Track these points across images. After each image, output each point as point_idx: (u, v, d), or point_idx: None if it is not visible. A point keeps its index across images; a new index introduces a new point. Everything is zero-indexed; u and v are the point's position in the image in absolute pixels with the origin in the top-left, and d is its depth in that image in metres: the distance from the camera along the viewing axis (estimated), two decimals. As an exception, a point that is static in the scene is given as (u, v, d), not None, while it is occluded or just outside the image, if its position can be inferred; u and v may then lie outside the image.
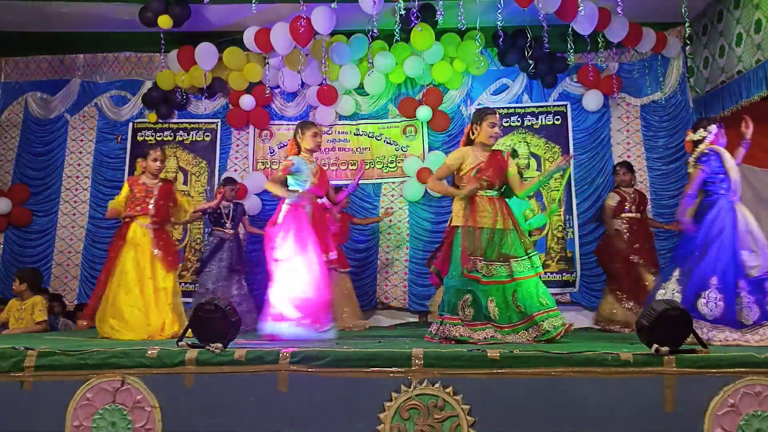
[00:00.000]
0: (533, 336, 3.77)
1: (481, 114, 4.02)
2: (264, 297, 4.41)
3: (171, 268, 4.62)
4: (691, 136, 4.14)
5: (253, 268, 6.22)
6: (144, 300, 4.44)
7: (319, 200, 4.67)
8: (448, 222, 4.14)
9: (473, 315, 3.78)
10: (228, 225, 6.01)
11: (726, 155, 3.96)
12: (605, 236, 5.89)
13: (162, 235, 4.64)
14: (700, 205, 4.01)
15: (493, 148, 4.08)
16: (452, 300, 3.80)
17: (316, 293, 4.18)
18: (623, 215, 5.70)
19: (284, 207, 4.36)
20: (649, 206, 6.22)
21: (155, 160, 4.67)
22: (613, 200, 5.76)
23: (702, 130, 4.07)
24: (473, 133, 4.02)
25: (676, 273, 3.88)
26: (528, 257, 3.89)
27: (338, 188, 6.00)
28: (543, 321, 3.77)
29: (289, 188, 4.43)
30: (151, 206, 4.57)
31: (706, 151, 3.96)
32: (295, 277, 4.17)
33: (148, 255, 4.52)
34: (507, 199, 4.10)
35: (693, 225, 3.94)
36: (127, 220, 4.61)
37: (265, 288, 4.44)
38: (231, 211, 6.06)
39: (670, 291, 3.80)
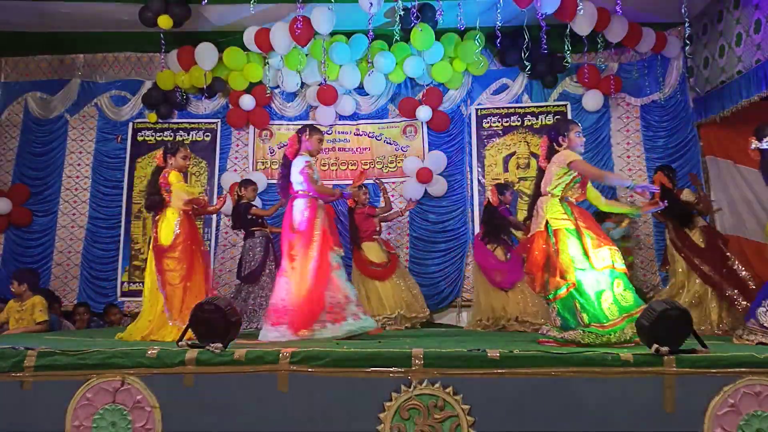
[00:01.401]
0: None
1: (564, 125, 3.88)
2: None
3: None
4: (757, 145, 4.00)
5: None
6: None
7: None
8: (543, 224, 3.72)
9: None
10: (265, 223, 6.03)
11: None
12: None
13: None
14: None
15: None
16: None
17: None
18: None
19: (309, 210, 4.28)
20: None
21: (185, 157, 4.60)
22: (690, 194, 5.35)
23: None
24: (562, 143, 3.79)
25: None
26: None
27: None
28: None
29: (297, 188, 4.37)
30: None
31: None
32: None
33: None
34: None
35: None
36: (189, 213, 4.48)
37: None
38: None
39: None
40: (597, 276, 3.49)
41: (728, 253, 5.05)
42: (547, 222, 3.65)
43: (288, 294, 4.12)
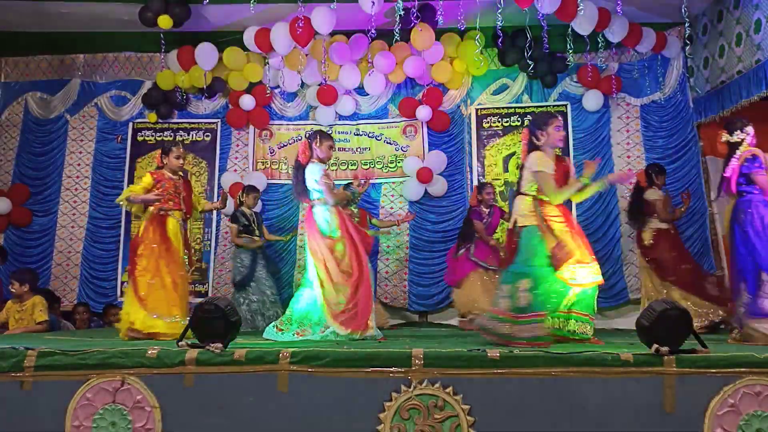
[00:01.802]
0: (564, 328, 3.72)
1: (543, 119, 3.89)
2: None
3: (192, 264, 4.77)
4: (727, 138, 4.11)
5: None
6: (180, 295, 4.50)
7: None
8: (512, 222, 3.89)
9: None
10: (257, 233, 6.00)
11: (763, 156, 3.98)
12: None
13: (186, 232, 4.76)
14: (735, 206, 4.03)
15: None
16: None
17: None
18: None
19: (333, 215, 4.28)
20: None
21: (178, 157, 4.70)
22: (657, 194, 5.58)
23: (739, 131, 4.07)
24: (540, 138, 3.83)
25: (765, 276, 3.84)
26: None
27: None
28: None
29: (315, 196, 4.36)
30: (182, 202, 4.66)
31: (756, 154, 3.96)
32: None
33: (182, 250, 4.60)
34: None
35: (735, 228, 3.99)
36: (162, 213, 4.59)
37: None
38: (254, 218, 6.05)
39: None
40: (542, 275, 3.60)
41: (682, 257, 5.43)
42: (516, 220, 3.77)
43: (346, 295, 4.12)
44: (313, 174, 4.28)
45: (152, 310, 4.32)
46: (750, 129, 4.06)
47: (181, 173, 4.81)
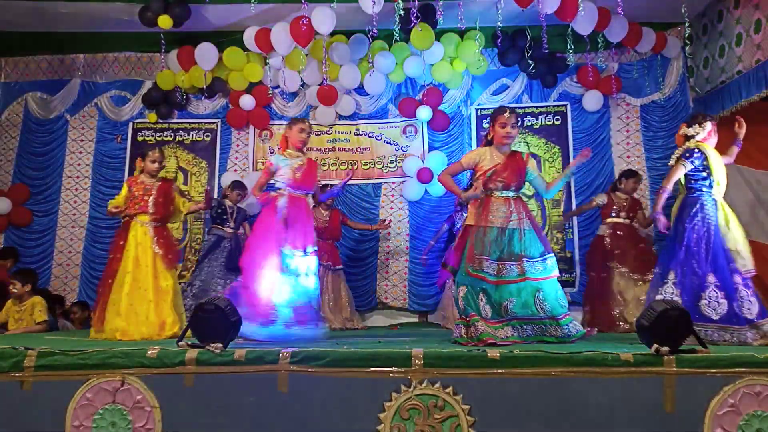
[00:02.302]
0: (553, 334, 3.71)
1: (493, 114, 4.00)
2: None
3: (171, 266, 4.62)
4: (685, 130, 4.15)
5: None
6: (146, 299, 4.44)
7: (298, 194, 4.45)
8: (463, 221, 4.13)
9: (491, 314, 3.72)
10: (230, 224, 6.07)
11: (712, 154, 3.96)
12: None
13: (163, 233, 4.65)
14: (682, 202, 4.02)
15: (513, 149, 4.09)
16: (471, 298, 3.74)
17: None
18: (608, 220, 5.78)
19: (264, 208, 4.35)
20: (647, 212, 6.17)
21: (153, 161, 4.70)
22: (601, 199, 5.85)
23: (697, 125, 4.08)
24: (489, 134, 4.00)
25: (671, 276, 3.85)
26: (542, 259, 3.83)
27: (325, 186, 6.08)
28: (568, 323, 3.73)
29: (276, 187, 4.38)
30: (150, 204, 4.59)
31: (693, 147, 3.96)
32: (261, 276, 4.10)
33: (149, 253, 4.52)
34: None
35: (667, 221, 3.99)
36: (126, 218, 4.63)
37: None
38: (235, 212, 6.13)
39: (669, 295, 3.77)
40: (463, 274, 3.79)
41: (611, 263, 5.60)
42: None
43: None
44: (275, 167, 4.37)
45: (120, 314, 4.35)
46: (708, 125, 4.05)
47: (157, 177, 4.77)
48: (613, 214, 5.77)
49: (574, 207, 6.73)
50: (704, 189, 3.93)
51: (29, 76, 7.34)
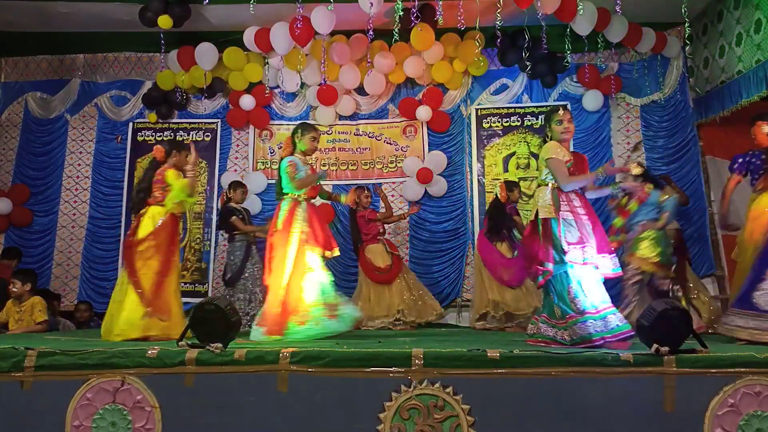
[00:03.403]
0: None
1: (548, 114, 3.83)
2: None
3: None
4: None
5: None
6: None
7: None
8: (533, 213, 3.72)
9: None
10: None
11: None
12: None
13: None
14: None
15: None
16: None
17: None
18: None
19: (289, 210, 4.27)
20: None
21: (187, 156, 4.56)
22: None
23: None
24: (548, 136, 3.79)
25: None
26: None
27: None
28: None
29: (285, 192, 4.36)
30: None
31: None
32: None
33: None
34: None
35: None
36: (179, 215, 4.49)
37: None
38: (246, 213, 6.04)
39: None
40: (568, 269, 3.46)
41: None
42: (537, 211, 3.64)
43: (267, 296, 4.17)
44: (281, 168, 4.31)
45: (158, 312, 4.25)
46: None
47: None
48: None
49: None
50: None
51: (29, 76, 7.34)
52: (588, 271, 3.46)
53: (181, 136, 7.21)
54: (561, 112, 3.74)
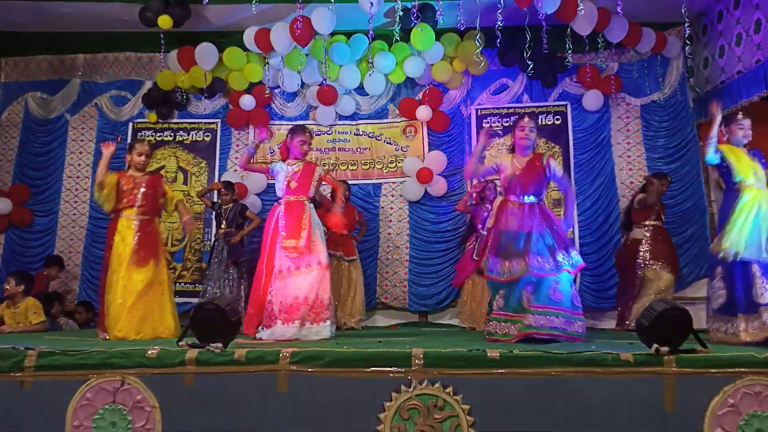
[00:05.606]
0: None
1: (514, 123, 4.15)
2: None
3: (142, 263, 4.34)
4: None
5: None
6: (126, 295, 4.29)
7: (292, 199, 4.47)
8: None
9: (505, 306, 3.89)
10: (222, 225, 6.15)
11: None
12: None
13: (146, 227, 4.46)
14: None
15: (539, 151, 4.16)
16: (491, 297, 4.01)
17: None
18: (647, 222, 5.71)
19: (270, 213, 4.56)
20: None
21: (140, 154, 4.60)
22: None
23: None
24: (512, 143, 4.09)
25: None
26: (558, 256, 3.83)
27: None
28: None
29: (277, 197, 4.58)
30: (138, 197, 4.46)
31: None
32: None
33: (129, 249, 4.35)
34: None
35: None
36: (113, 216, 4.52)
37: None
38: (227, 212, 6.19)
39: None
40: None
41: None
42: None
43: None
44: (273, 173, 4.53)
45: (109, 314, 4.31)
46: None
47: (145, 171, 4.68)
48: (653, 217, 5.72)
49: (574, 207, 6.72)
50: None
51: (29, 76, 7.34)
52: None
53: (181, 136, 7.21)
54: (525, 120, 4.05)
